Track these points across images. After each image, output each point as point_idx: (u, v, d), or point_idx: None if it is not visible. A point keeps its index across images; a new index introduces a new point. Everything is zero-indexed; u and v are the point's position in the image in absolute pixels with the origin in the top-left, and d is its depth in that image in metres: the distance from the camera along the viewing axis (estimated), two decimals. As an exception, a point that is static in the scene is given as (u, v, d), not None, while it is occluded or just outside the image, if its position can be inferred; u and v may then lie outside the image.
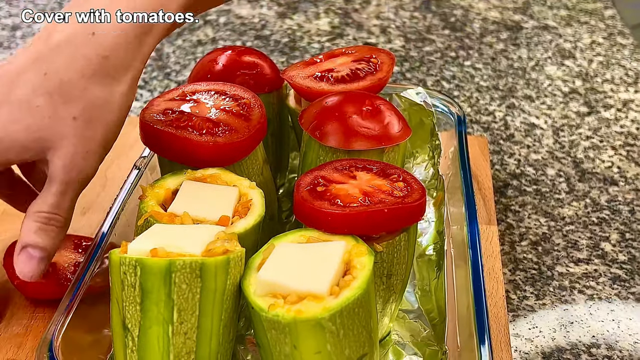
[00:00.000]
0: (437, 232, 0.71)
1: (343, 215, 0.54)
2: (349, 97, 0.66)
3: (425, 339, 0.61)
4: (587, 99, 1.06)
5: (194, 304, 0.50)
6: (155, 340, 0.50)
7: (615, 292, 0.73)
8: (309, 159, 0.66)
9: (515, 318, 0.69)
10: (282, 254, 0.52)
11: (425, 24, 1.27)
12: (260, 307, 0.49)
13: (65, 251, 0.69)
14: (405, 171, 0.60)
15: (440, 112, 0.79)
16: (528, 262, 0.76)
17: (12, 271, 0.63)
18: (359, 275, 0.51)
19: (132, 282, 0.49)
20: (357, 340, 0.50)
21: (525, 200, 0.85)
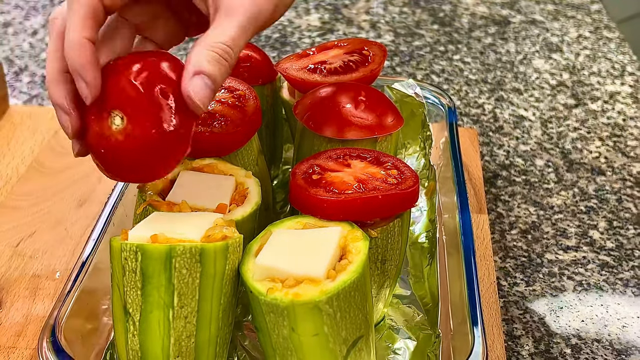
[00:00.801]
0: (430, 221, 0.72)
1: (338, 202, 0.55)
2: (342, 88, 0.67)
3: (418, 323, 0.63)
4: (575, 92, 1.08)
5: (193, 288, 0.51)
6: (156, 325, 0.51)
7: (603, 278, 0.74)
8: (304, 148, 0.67)
9: (506, 304, 0.71)
10: (279, 240, 0.54)
11: (414, 19, 1.29)
12: (258, 291, 0.50)
13: None
14: (398, 159, 0.61)
15: (431, 104, 0.81)
16: (518, 250, 0.78)
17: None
18: (355, 259, 0.52)
19: (133, 268, 0.50)
20: (354, 322, 0.51)
21: (515, 190, 0.87)
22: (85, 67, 0.50)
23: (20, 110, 0.94)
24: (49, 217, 0.76)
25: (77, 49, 0.50)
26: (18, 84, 1.06)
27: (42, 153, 0.85)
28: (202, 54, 0.51)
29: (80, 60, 0.50)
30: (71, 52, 0.50)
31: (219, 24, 0.52)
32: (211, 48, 0.51)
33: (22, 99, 1.02)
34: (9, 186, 0.80)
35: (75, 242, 0.73)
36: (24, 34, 1.20)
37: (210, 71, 0.51)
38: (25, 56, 1.13)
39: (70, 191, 0.80)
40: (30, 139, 0.88)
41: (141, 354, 0.51)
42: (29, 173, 0.82)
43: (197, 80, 0.50)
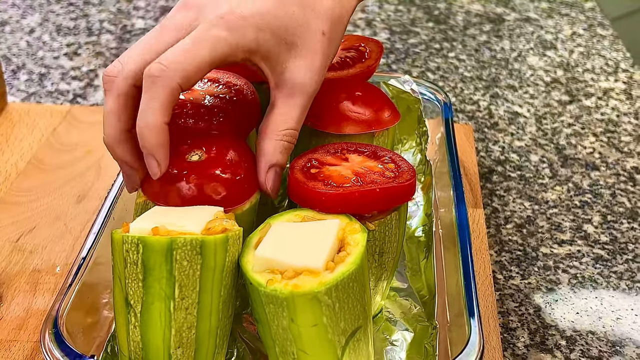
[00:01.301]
0: (426, 215, 0.73)
1: (336, 195, 0.56)
2: (339, 84, 0.68)
3: (416, 315, 0.64)
4: (569, 88, 1.08)
5: (194, 280, 0.51)
6: (157, 316, 0.51)
7: (597, 271, 0.75)
8: (301, 143, 0.67)
9: (501, 297, 0.72)
10: (278, 232, 0.54)
11: (409, 17, 1.30)
12: (258, 283, 0.51)
13: None
14: (395, 153, 0.62)
15: (427, 100, 0.81)
16: (513, 243, 0.78)
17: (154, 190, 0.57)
18: (353, 251, 0.52)
19: (134, 260, 0.51)
20: (352, 313, 0.52)
21: (510, 186, 0.87)
22: (160, 150, 0.54)
23: (19, 108, 0.95)
24: (48, 213, 0.77)
25: (155, 133, 0.53)
26: (15, 82, 1.06)
27: (41, 150, 0.86)
28: (274, 146, 0.57)
29: (158, 142, 0.53)
30: (149, 133, 0.53)
31: (283, 107, 0.57)
32: (281, 137, 0.57)
33: (20, 96, 1.02)
34: (8, 182, 0.81)
35: (75, 237, 0.73)
36: (20, 32, 1.21)
37: (282, 162, 0.58)
38: (23, 54, 1.14)
39: (69, 187, 0.80)
40: (29, 136, 0.89)
41: (142, 345, 0.52)
42: (28, 169, 0.83)
43: (271, 174, 0.58)
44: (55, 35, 1.20)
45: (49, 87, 1.05)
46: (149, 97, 0.53)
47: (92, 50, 1.16)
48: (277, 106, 0.57)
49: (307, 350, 0.52)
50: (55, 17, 1.26)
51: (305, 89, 0.57)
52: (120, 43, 1.18)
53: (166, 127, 0.54)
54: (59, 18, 1.26)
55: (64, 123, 0.91)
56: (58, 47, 1.16)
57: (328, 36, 0.58)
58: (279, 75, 0.57)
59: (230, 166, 0.57)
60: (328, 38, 0.58)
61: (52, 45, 1.17)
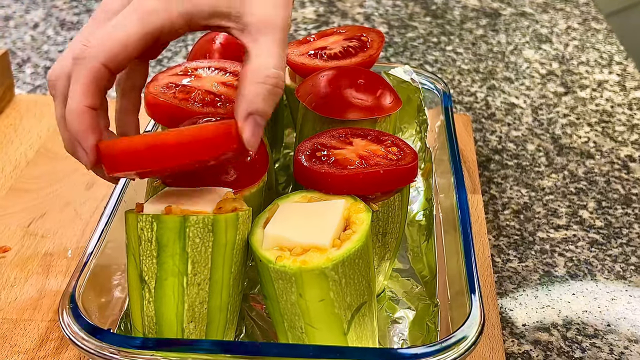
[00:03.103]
0: (426, 200, 0.75)
1: (342, 176, 0.58)
2: (342, 72, 0.70)
3: (417, 294, 0.66)
4: (564, 80, 1.11)
5: (206, 256, 0.53)
6: (171, 291, 0.53)
7: (593, 254, 0.77)
8: (306, 129, 0.69)
9: (500, 279, 0.74)
10: (286, 212, 0.56)
11: (407, 11, 1.32)
12: (268, 259, 0.53)
13: None
14: (397, 137, 0.64)
15: (427, 90, 0.83)
16: (511, 228, 0.81)
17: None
18: (358, 229, 0.55)
19: (148, 237, 0.53)
20: (358, 288, 0.54)
21: (507, 173, 0.90)
22: (83, 135, 0.51)
23: (26, 99, 0.96)
24: (58, 199, 0.79)
25: (77, 117, 0.50)
26: (21, 75, 1.08)
27: (49, 139, 0.88)
28: (256, 91, 0.51)
29: (80, 127, 0.50)
30: (71, 119, 0.50)
31: (259, 49, 0.51)
32: (263, 80, 0.51)
33: (26, 89, 1.04)
34: (19, 170, 0.83)
35: (85, 222, 0.75)
36: (25, 27, 1.23)
37: (264, 110, 0.51)
38: (28, 48, 1.16)
39: (78, 175, 0.82)
40: (37, 125, 0.90)
41: (156, 320, 0.54)
42: (37, 158, 0.85)
43: (249, 123, 0.51)
44: (59, 30, 1.22)
45: (54, 79, 1.07)
46: (73, 81, 0.50)
47: (95, 44, 1.18)
48: (251, 49, 0.51)
49: (314, 325, 0.54)
50: (59, 12, 1.28)
51: (273, 21, 0.52)
52: (123, 37, 1.20)
53: (90, 110, 0.50)
54: (62, 13, 1.28)
55: (71, 114, 0.93)
56: (62, 41, 1.18)
57: None
58: (239, 22, 0.52)
59: None
60: None
61: (57, 39, 1.19)
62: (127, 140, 0.51)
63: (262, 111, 0.51)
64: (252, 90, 0.51)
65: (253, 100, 0.51)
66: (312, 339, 0.54)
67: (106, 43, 0.50)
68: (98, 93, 0.51)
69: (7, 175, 0.82)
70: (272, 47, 0.52)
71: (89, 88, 0.50)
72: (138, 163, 0.51)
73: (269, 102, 0.52)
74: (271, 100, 0.52)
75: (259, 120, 0.51)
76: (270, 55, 0.51)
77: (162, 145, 0.50)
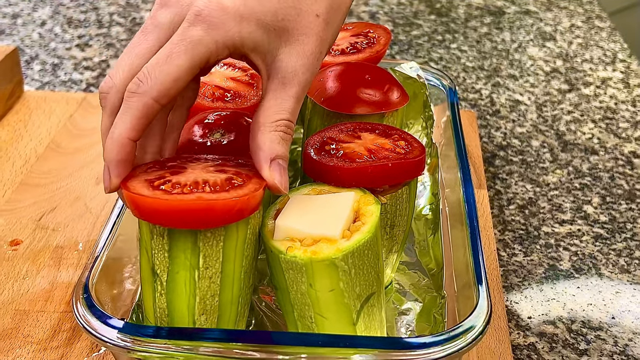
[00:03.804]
0: (433, 194, 0.76)
1: (351, 169, 0.59)
2: (350, 67, 0.71)
3: (424, 286, 0.67)
4: (568, 77, 1.12)
5: (217, 250, 0.54)
6: (182, 284, 0.54)
7: (597, 248, 0.78)
8: (314, 124, 0.70)
9: (505, 272, 0.75)
10: (296, 204, 0.57)
11: (412, 9, 1.33)
12: (278, 250, 0.54)
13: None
14: (405, 132, 0.65)
15: (433, 86, 0.84)
16: (516, 223, 0.81)
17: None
18: (368, 221, 0.55)
19: (160, 232, 0.53)
20: (367, 279, 0.55)
21: (512, 169, 0.91)
22: (116, 165, 0.52)
23: (35, 95, 0.97)
24: (68, 194, 0.79)
25: (117, 147, 0.51)
26: (30, 72, 1.09)
27: (59, 135, 0.89)
28: (270, 137, 0.52)
29: (117, 157, 0.51)
30: (111, 147, 0.51)
31: (275, 96, 0.53)
32: (275, 128, 0.52)
33: (35, 85, 1.05)
34: (29, 165, 0.84)
35: (95, 216, 0.76)
36: (32, 25, 1.23)
37: (282, 153, 0.53)
38: (36, 45, 1.17)
39: (87, 170, 0.83)
40: (47, 121, 0.91)
41: (168, 312, 0.55)
42: (47, 153, 0.86)
43: (275, 167, 0.53)
44: (66, 28, 1.23)
45: (62, 76, 1.08)
46: (122, 111, 0.51)
47: (103, 41, 1.19)
48: (268, 98, 0.53)
49: (324, 314, 0.55)
50: (66, 10, 1.29)
51: (298, 76, 0.53)
52: (130, 35, 1.21)
53: (131, 143, 0.51)
54: (70, 11, 1.29)
55: (80, 110, 0.94)
56: (70, 39, 1.19)
57: (323, 18, 0.53)
58: (270, 65, 0.53)
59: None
60: (323, 20, 0.53)
61: (64, 37, 1.20)
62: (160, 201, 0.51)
63: (282, 154, 0.53)
64: (267, 139, 0.53)
65: (271, 147, 0.52)
66: (321, 328, 0.55)
67: (159, 80, 0.50)
68: (145, 127, 0.52)
69: (18, 170, 0.83)
70: (288, 102, 0.53)
71: (137, 122, 0.51)
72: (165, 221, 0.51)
73: (284, 146, 0.53)
74: (285, 144, 0.53)
75: (282, 163, 0.53)
76: (284, 109, 0.53)
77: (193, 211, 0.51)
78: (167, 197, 0.50)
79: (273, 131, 0.53)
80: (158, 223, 0.52)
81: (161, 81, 0.50)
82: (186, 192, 0.51)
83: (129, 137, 0.51)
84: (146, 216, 0.52)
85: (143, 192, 0.51)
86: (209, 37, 0.51)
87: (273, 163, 0.53)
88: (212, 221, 0.51)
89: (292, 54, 0.53)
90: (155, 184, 0.52)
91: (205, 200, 0.50)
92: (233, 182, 0.53)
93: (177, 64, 0.50)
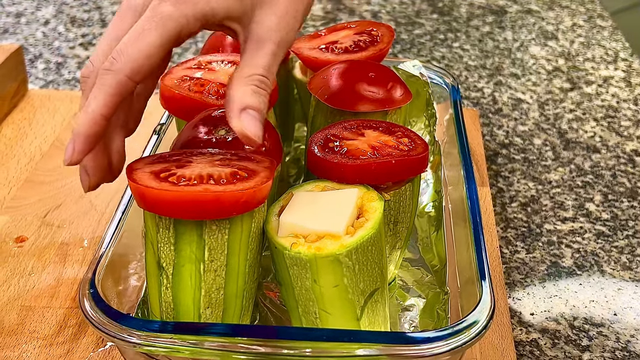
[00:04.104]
0: (436, 192, 0.76)
1: (355, 166, 0.59)
2: (354, 65, 0.71)
3: (427, 283, 0.67)
4: (570, 76, 1.12)
5: (222, 243, 0.54)
6: (188, 278, 0.54)
7: (599, 246, 0.79)
8: (318, 122, 0.71)
9: (508, 269, 0.75)
10: (300, 200, 0.58)
11: (414, 9, 1.33)
12: (283, 246, 0.54)
13: None
14: (408, 129, 0.65)
15: (435, 85, 0.85)
16: (518, 221, 0.82)
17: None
18: (371, 217, 0.56)
19: (166, 225, 0.54)
20: (371, 275, 0.56)
21: (515, 167, 0.91)
22: (84, 140, 0.52)
23: (39, 94, 0.98)
24: (73, 191, 0.80)
25: (86, 121, 0.51)
26: (34, 71, 1.09)
27: (63, 133, 0.89)
28: (242, 90, 0.53)
29: (84, 131, 0.51)
30: (81, 120, 0.51)
31: (251, 55, 0.54)
32: (249, 81, 0.53)
33: (39, 84, 1.06)
34: (33, 163, 0.84)
35: (100, 213, 0.77)
36: (36, 24, 1.24)
37: (254, 104, 0.53)
38: (39, 44, 1.17)
39: (92, 167, 0.83)
40: (51, 120, 0.92)
41: (174, 306, 0.55)
42: (51, 151, 0.86)
43: (245, 116, 0.53)
44: (70, 27, 1.23)
45: (66, 75, 1.08)
46: (96, 88, 0.52)
47: (106, 40, 1.19)
48: (244, 58, 0.54)
49: (328, 310, 0.55)
50: (69, 9, 1.30)
51: (272, 35, 0.54)
52: (133, 34, 1.21)
53: (102, 121, 0.51)
54: (73, 10, 1.29)
55: (84, 108, 0.94)
56: (73, 38, 1.20)
57: None
58: (246, 27, 0.55)
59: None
60: None
61: (68, 35, 1.20)
62: (167, 192, 0.52)
63: (253, 106, 0.53)
64: (238, 91, 0.53)
65: (242, 98, 0.53)
66: (325, 324, 0.56)
67: (131, 57, 0.51)
68: (117, 104, 0.52)
69: (23, 168, 0.83)
70: (262, 59, 0.54)
71: (111, 99, 0.51)
72: (172, 212, 0.52)
73: (257, 98, 0.53)
74: (258, 97, 0.53)
75: (253, 113, 0.53)
76: (258, 65, 0.54)
77: (201, 202, 0.51)
78: (175, 189, 0.51)
79: (245, 85, 0.53)
80: (165, 214, 0.53)
81: (134, 58, 0.51)
82: (192, 184, 0.52)
83: (101, 114, 0.51)
84: (153, 207, 0.52)
85: (150, 184, 0.52)
86: (178, 12, 0.52)
87: (243, 113, 0.53)
88: (219, 212, 0.52)
89: (267, 14, 0.54)
90: (162, 176, 0.53)
91: (212, 191, 0.51)
92: (238, 176, 0.53)
93: (148, 41, 0.51)
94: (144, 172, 0.54)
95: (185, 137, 0.62)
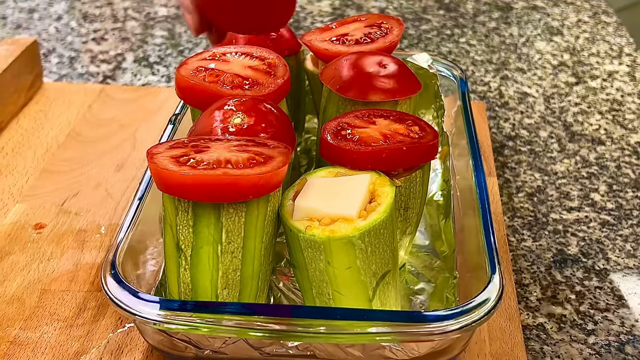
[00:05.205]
0: (444, 181, 0.78)
1: (367, 153, 0.61)
2: (365, 56, 0.73)
3: (437, 268, 0.69)
4: (575, 71, 1.14)
5: (239, 226, 0.56)
6: (206, 259, 0.56)
7: (604, 234, 0.80)
8: (329, 111, 0.72)
9: (515, 257, 0.77)
10: (314, 185, 0.60)
11: (421, 5, 1.35)
12: (297, 229, 0.56)
13: None
14: (418, 118, 0.67)
15: (444, 77, 0.86)
16: (525, 210, 0.83)
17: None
18: (383, 201, 0.58)
19: (185, 208, 0.56)
20: (382, 257, 0.57)
21: (521, 159, 0.93)
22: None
23: (55, 86, 1.00)
24: (89, 180, 0.82)
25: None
26: (47, 65, 1.11)
27: (79, 124, 0.91)
28: None
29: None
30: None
31: None
32: None
33: (53, 77, 1.08)
34: (50, 153, 0.86)
35: (117, 201, 0.79)
36: (49, 19, 1.26)
37: None
38: (52, 39, 1.19)
39: (107, 157, 0.85)
40: (66, 111, 0.94)
41: (192, 286, 0.57)
42: (67, 142, 0.88)
43: None
44: (82, 22, 1.25)
45: (79, 69, 1.10)
46: None
47: (118, 35, 1.21)
48: None
49: (341, 291, 0.57)
50: (82, 5, 1.32)
51: None
52: (145, 29, 1.23)
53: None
54: (85, 6, 1.31)
55: (99, 100, 0.96)
56: (86, 33, 1.22)
57: None
58: None
59: (271, 127, 0.62)
60: None
61: (80, 31, 1.22)
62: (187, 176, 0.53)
63: None
64: None
65: None
66: (338, 304, 0.57)
67: None
68: None
69: (39, 158, 0.85)
70: None
71: None
72: (192, 195, 0.54)
73: None
74: None
75: None
76: None
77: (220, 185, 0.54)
78: (195, 172, 0.53)
79: None
80: (184, 197, 0.55)
81: None
82: (211, 168, 0.54)
83: None
84: (173, 190, 0.54)
85: (170, 167, 0.53)
86: None
87: None
88: (237, 196, 0.54)
89: None
90: (181, 160, 0.55)
91: (230, 175, 0.53)
92: (255, 161, 0.55)
93: None
94: (164, 156, 0.56)
95: (202, 125, 0.64)
